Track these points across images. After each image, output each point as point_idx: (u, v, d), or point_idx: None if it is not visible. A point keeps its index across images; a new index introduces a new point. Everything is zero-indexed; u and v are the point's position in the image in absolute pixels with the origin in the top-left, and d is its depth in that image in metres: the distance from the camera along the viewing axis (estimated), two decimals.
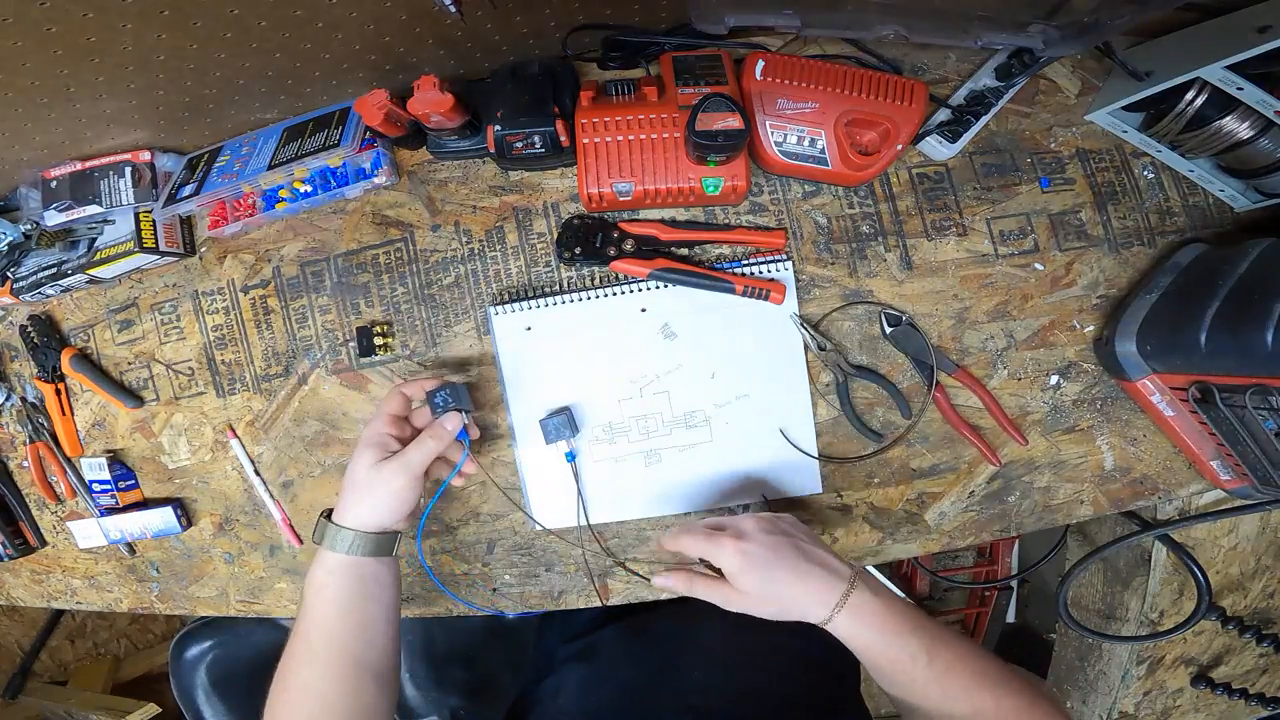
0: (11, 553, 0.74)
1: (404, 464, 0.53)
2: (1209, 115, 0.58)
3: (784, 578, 0.50)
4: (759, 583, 0.50)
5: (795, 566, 0.50)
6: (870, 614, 0.49)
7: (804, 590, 0.50)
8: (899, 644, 0.49)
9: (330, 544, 0.52)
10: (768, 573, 0.50)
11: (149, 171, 0.67)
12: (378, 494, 0.53)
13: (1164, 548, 0.69)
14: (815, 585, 0.50)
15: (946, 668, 0.49)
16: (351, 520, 0.53)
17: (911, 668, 0.49)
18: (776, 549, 0.50)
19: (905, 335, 0.64)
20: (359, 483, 0.53)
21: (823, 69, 0.60)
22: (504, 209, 0.66)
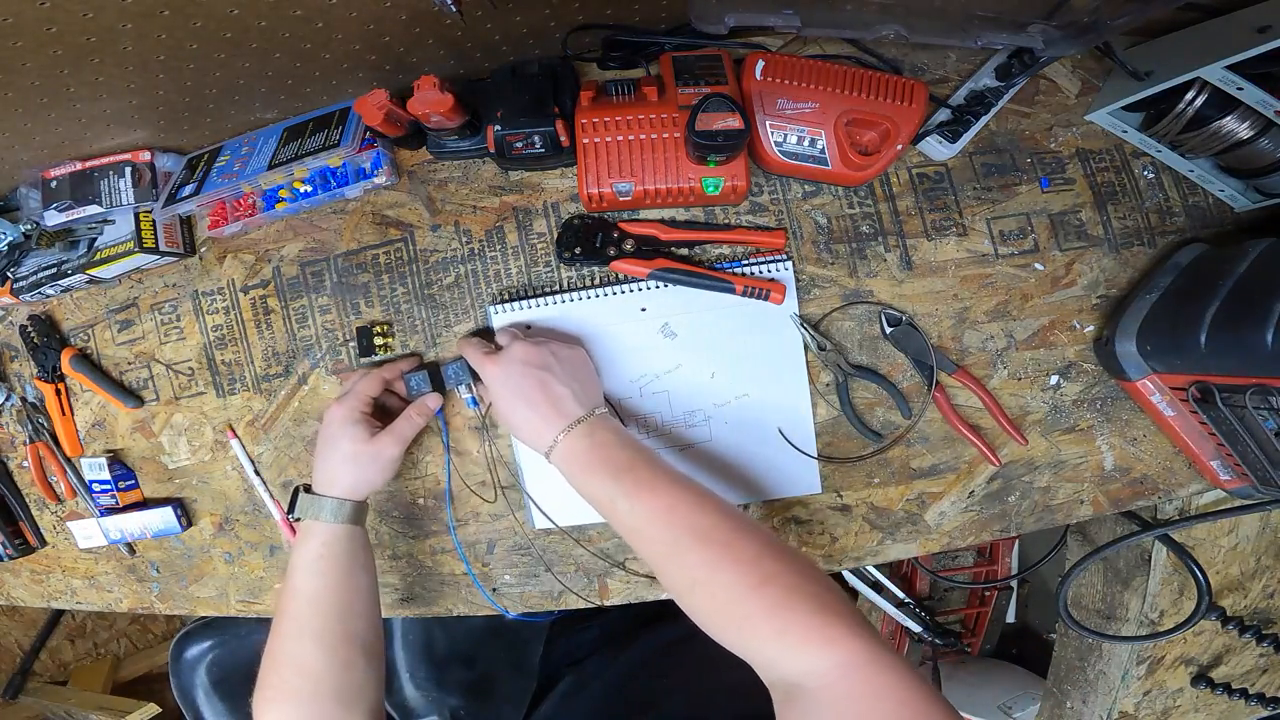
0: (11, 553, 0.74)
1: (398, 436, 0.58)
2: (1209, 115, 0.58)
3: (518, 406, 0.54)
4: (500, 405, 0.56)
5: (530, 399, 0.53)
6: (577, 453, 0.51)
7: (532, 421, 0.53)
8: (593, 484, 0.50)
9: (318, 514, 0.55)
10: (508, 399, 0.54)
11: (149, 171, 0.67)
12: (368, 464, 0.56)
13: (1164, 548, 0.69)
14: (541, 419, 0.53)
15: (649, 516, 0.46)
16: (340, 489, 0.56)
17: (610, 511, 0.49)
18: (523, 378, 0.54)
19: (905, 335, 0.64)
20: (347, 454, 0.56)
21: (823, 69, 0.60)
22: (504, 209, 0.66)
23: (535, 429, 0.53)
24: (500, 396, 0.55)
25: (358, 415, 0.57)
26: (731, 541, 0.43)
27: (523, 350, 0.55)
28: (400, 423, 0.59)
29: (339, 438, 0.57)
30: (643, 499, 0.48)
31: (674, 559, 0.45)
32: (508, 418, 0.56)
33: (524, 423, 0.54)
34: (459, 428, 0.66)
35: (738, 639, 0.42)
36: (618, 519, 0.49)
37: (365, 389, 0.59)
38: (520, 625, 0.92)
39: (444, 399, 0.61)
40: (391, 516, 0.68)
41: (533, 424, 0.53)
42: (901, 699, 0.35)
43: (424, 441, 0.67)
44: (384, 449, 0.57)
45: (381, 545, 0.68)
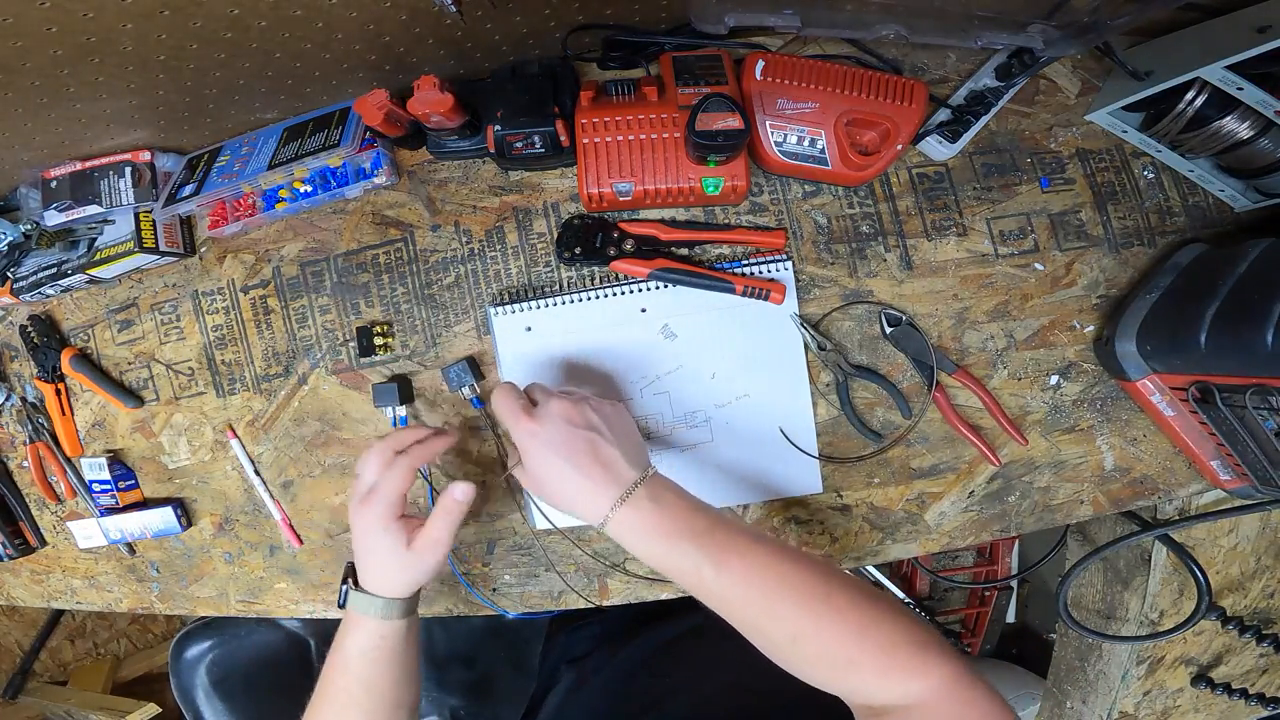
0: (11, 553, 0.74)
1: (435, 541, 0.51)
2: (1209, 115, 0.58)
3: (566, 473, 0.48)
4: (539, 470, 0.49)
5: (579, 463, 0.48)
6: (644, 520, 0.47)
7: (581, 489, 0.48)
8: (673, 552, 0.46)
9: (368, 612, 0.52)
10: (550, 463, 0.48)
11: (149, 171, 0.67)
12: (412, 569, 0.52)
13: (1164, 548, 0.69)
14: (593, 485, 0.47)
15: (742, 579, 0.45)
16: (383, 586, 0.52)
17: (698, 581, 0.45)
18: (568, 441, 0.48)
19: (905, 335, 0.64)
20: (388, 564, 0.51)
21: (823, 69, 0.60)
22: (504, 209, 0.66)
23: (587, 497, 0.48)
24: (541, 461, 0.49)
25: (387, 523, 0.51)
26: (828, 594, 0.44)
27: (562, 408, 0.50)
28: (435, 527, 0.51)
29: (374, 548, 0.52)
30: (731, 563, 0.45)
31: (772, 617, 0.45)
32: (551, 484, 0.49)
33: (574, 490, 0.48)
34: (459, 427, 0.66)
35: (841, 681, 0.44)
36: (704, 585, 0.46)
37: (393, 489, 0.51)
38: (520, 624, 0.92)
39: (474, 489, 0.52)
40: None
41: (584, 491, 0.48)
42: (985, 710, 0.40)
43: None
44: (425, 557, 0.51)
45: None
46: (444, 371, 0.64)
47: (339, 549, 0.69)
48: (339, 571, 0.68)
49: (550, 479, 0.49)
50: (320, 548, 0.69)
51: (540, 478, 0.49)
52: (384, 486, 0.51)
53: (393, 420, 0.65)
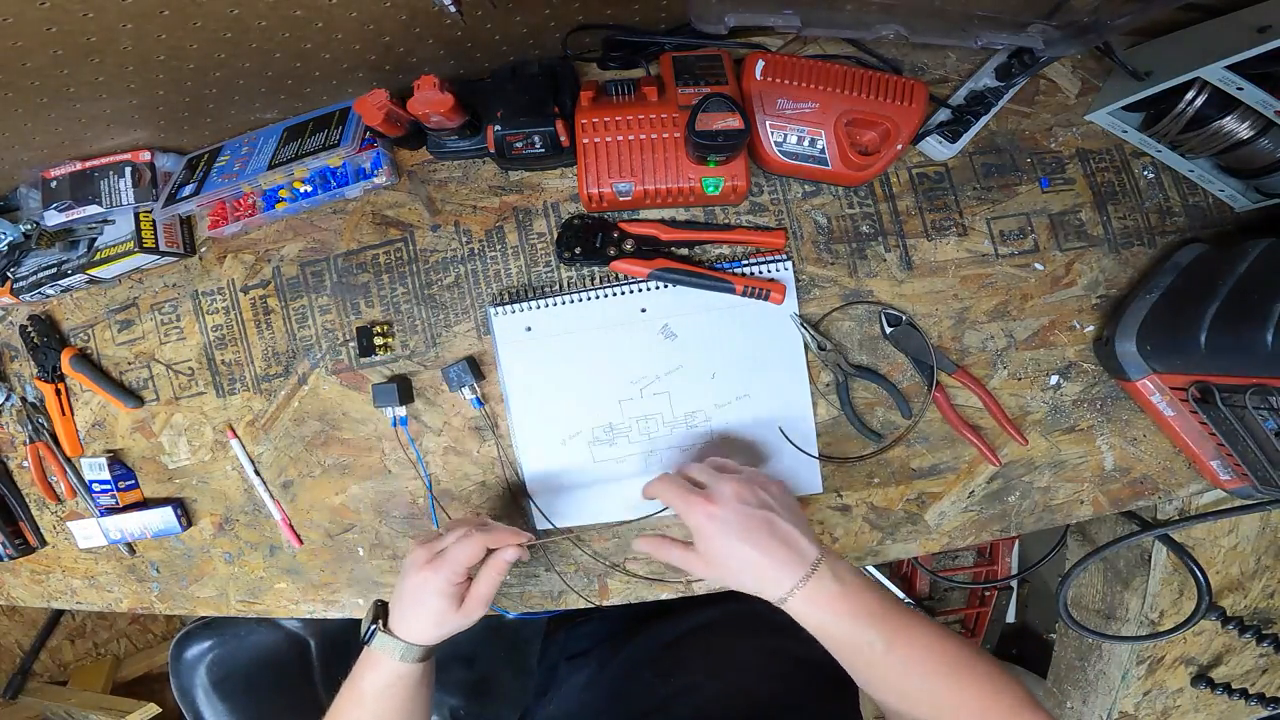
0: (11, 553, 0.74)
1: (483, 601, 0.53)
2: (1209, 115, 0.58)
3: (747, 553, 0.49)
4: (721, 552, 0.49)
5: (760, 543, 0.49)
6: (827, 598, 0.48)
7: (764, 567, 0.49)
8: (854, 630, 0.48)
9: (393, 654, 0.53)
10: (731, 544, 0.49)
11: (149, 171, 0.67)
12: (454, 626, 0.53)
13: (1164, 548, 0.69)
14: (776, 564, 0.48)
15: (906, 657, 0.48)
16: (417, 635, 0.53)
17: (869, 656, 0.48)
18: (747, 521, 0.49)
19: (905, 335, 0.64)
20: (434, 619, 0.53)
21: (823, 69, 0.60)
22: (504, 209, 0.66)
23: (771, 574, 0.49)
24: (722, 544, 0.49)
25: (451, 589, 0.52)
26: (990, 674, 0.49)
27: (735, 489, 0.51)
28: (484, 586, 0.53)
29: (427, 604, 0.53)
30: (899, 642, 0.48)
31: (928, 691, 0.48)
32: (731, 565, 0.49)
33: (757, 569, 0.49)
34: (459, 428, 0.66)
35: None
36: (873, 660, 0.48)
37: (464, 558, 0.52)
38: (520, 624, 0.92)
39: (526, 553, 0.55)
40: (392, 516, 0.68)
41: (768, 569, 0.49)
42: None
43: (423, 442, 0.67)
44: (471, 614, 0.53)
45: (381, 545, 0.68)
46: (444, 372, 0.64)
47: (339, 549, 0.69)
48: (339, 571, 0.69)
49: (731, 559, 0.49)
50: (320, 548, 0.69)
51: (720, 559, 0.50)
52: (458, 554, 0.52)
53: (392, 420, 0.65)
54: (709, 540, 0.50)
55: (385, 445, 0.67)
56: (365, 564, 0.68)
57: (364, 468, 0.68)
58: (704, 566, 0.51)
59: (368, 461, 0.68)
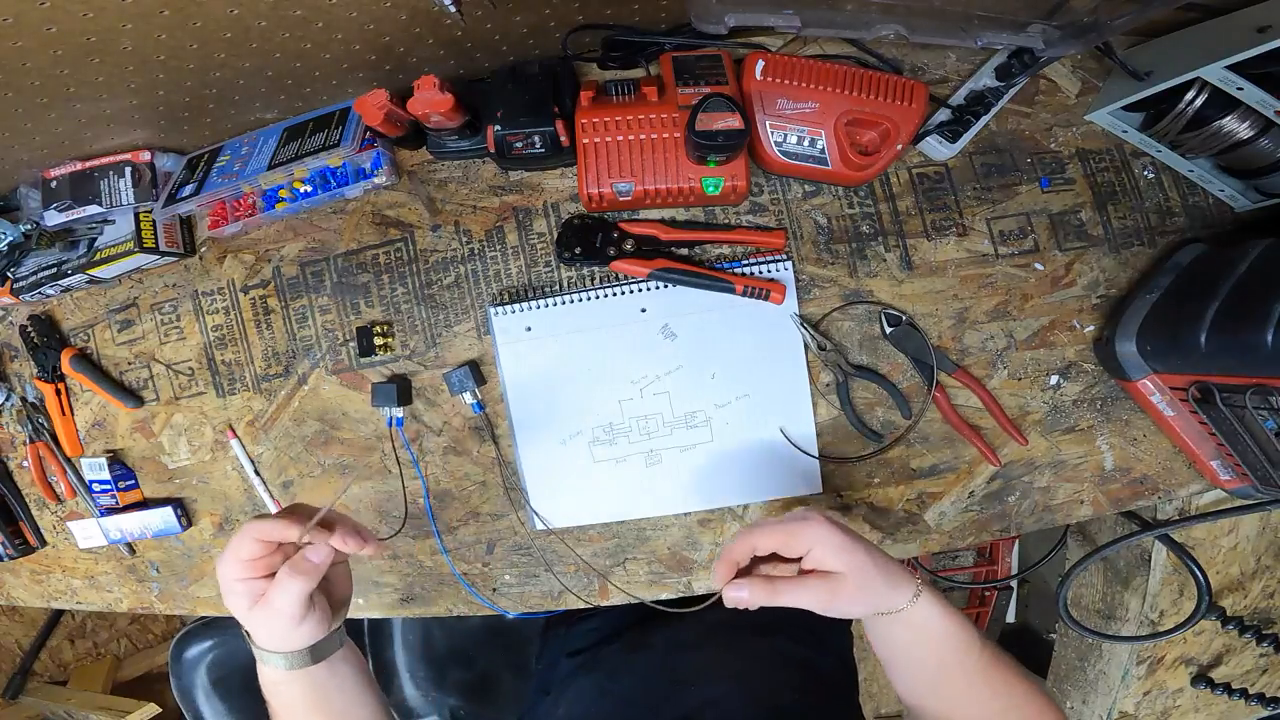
0: (11, 553, 0.74)
1: (275, 612, 0.44)
2: (1209, 115, 0.58)
3: (874, 556, 0.47)
4: (857, 560, 0.45)
5: (879, 553, 0.47)
6: (942, 600, 0.49)
7: (892, 569, 0.47)
8: (965, 630, 0.49)
9: (262, 659, 0.47)
10: (860, 550, 0.46)
11: (149, 171, 0.67)
12: (270, 633, 0.46)
13: (1164, 548, 0.69)
14: (896, 566, 0.48)
15: (992, 662, 0.50)
16: (271, 645, 0.46)
17: (970, 652, 0.49)
18: (857, 536, 0.48)
19: (905, 335, 0.64)
20: (248, 623, 0.46)
21: (823, 69, 0.60)
22: (504, 209, 0.66)
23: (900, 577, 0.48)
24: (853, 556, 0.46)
25: (233, 585, 0.45)
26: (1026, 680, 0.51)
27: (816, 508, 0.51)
28: (272, 593, 0.44)
29: (226, 602, 0.46)
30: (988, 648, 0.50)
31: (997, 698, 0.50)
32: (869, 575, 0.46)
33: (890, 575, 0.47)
34: (459, 428, 0.66)
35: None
36: (968, 660, 0.49)
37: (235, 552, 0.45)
38: (519, 624, 0.92)
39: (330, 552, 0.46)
40: (391, 516, 0.68)
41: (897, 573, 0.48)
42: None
43: (423, 442, 0.67)
44: (272, 624, 0.45)
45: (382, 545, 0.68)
46: (446, 377, 0.64)
47: None
48: None
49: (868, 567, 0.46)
50: None
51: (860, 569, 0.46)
52: (229, 546, 0.46)
53: (388, 420, 0.65)
54: (844, 553, 0.45)
55: (385, 445, 0.67)
56: (365, 564, 0.68)
57: (364, 468, 0.68)
58: (839, 585, 0.45)
59: (368, 461, 0.67)
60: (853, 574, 0.45)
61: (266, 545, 0.45)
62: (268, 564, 0.45)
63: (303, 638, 0.46)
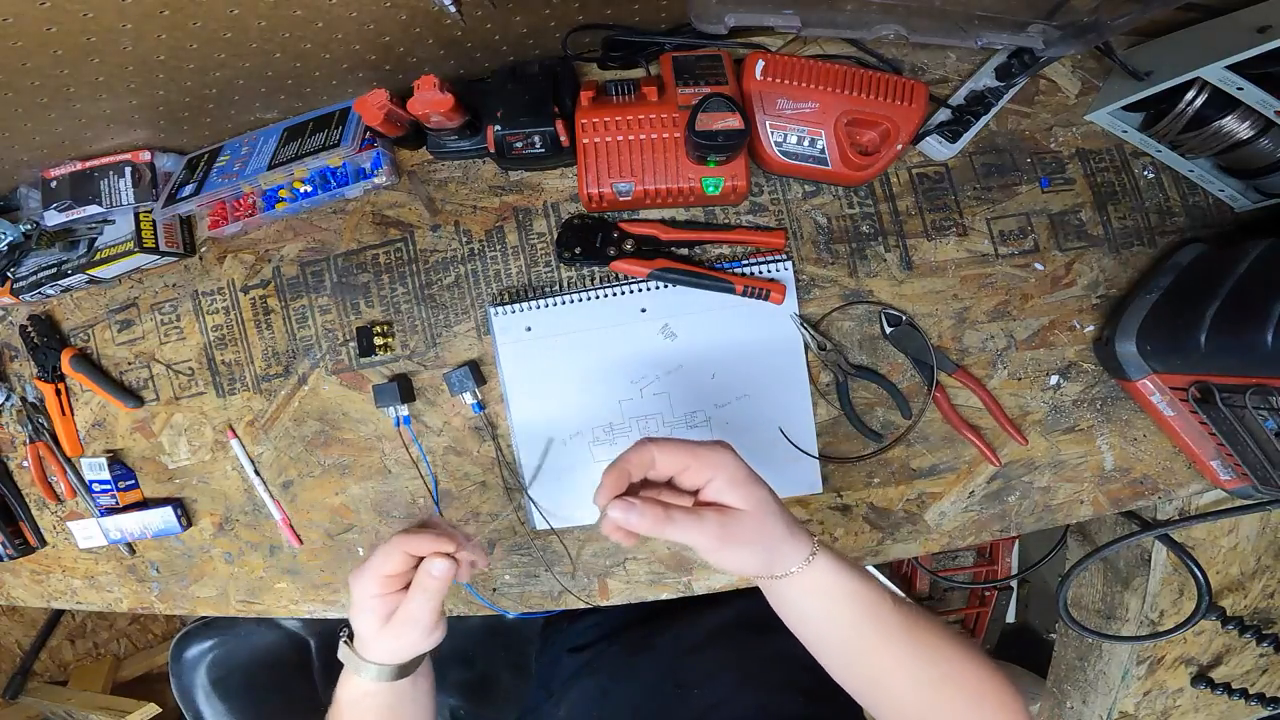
0: (11, 553, 0.74)
1: (414, 623, 0.46)
2: (1209, 115, 0.58)
3: (777, 501, 0.43)
4: (759, 497, 0.42)
5: (779, 503, 0.43)
6: (840, 561, 0.44)
7: (792, 522, 0.43)
8: (869, 588, 0.44)
9: (358, 671, 0.49)
10: (764, 489, 0.42)
11: (149, 171, 0.67)
12: (397, 647, 0.48)
13: (1164, 548, 0.69)
14: (796, 521, 0.43)
15: (912, 616, 0.46)
16: (375, 655, 0.49)
17: (882, 610, 0.45)
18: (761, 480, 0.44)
19: (905, 335, 0.64)
20: (371, 636, 0.48)
21: (823, 69, 0.60)
22: (504, 209, 0.66)
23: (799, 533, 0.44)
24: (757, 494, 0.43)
25: (369, 602, 0.47)
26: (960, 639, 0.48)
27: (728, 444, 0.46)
28: (412, 604, 0.46)
29: (356, 620, 0.49)
30: (902, 603, 0.47)
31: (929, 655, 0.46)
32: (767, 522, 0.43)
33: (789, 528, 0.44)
34: (459, 428, 0.66)
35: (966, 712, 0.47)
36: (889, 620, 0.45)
37: (379, 567, 0.47)
38: (519, 624, 0.92)
39: (451, 566, 0.46)
40: (391, 516, 0.68)
41: (794, 522, 0.44)
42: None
43: (423, 442, 0.67)
44: (404, 636, 0.47)
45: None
46: (446, 377, 0.64)
47: (339, 549, 0.69)
48: (339, 572, 0.69)
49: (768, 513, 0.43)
50: (320, 548, 0.69)
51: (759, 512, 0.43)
52: (373, 563, 0.47)
53: (395, 420, 0.65)
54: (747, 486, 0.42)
55: (385, 445, 0.67)
56: None
57: (364, 468, 0.68)
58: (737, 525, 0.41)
59: (368, 461, 0.68)
60: (753, 513, 0.41)
61: (413, 560, 0.47)
62: (405, 578, 0.47)
63: (401, 651, 0.48)
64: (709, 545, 0.41)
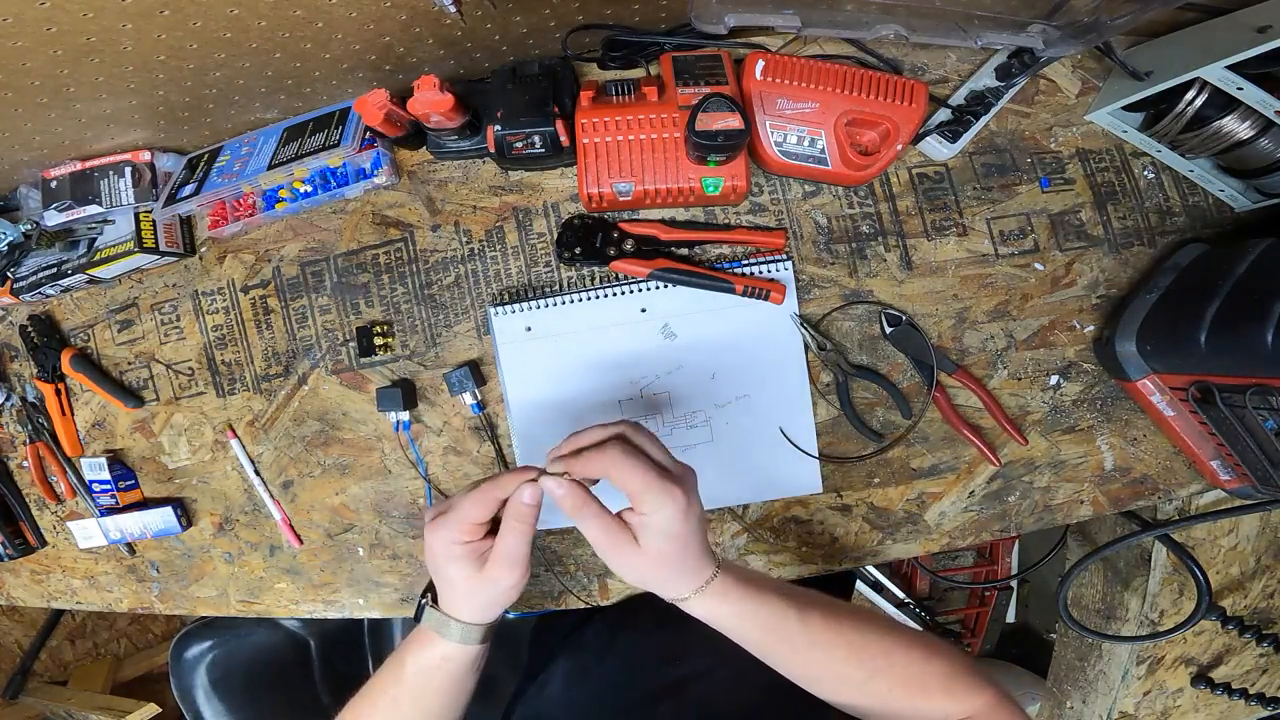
0: (11, 553, 0.74)
1: (508, 560, 0.46)
2: (1209, 115, 0.58)
3: (691, 543, 0.45)
4: (668, 550, 0.44)
5: (700, 534, 0.46)
6: (732, 588, 0.47)
7: (687, 565, 0.45)
8: (766, 606, 0.47)
9: (444, 633, 0.49)
10: (682, 544, 0.44)
11: (149, 171, 0.67)
12: (485, 595, 0.48)
13: (1164, 548, 0.69)
14: (698, 563, 0.46)
15: (822, 624, 0.48)
16: (467, 615, 0.48)
17: (783, 630, 0.47)
18: (699, 521, 0.46)
19: (905, 335, 0.64)
20: (460, 589, 0.48)
21: (823, 69, 0.60)
22: (504, 209, 0.66)
23: (686, 575, 0.46)
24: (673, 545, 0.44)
25: (458, 551, 0.47)
26: (893, 632, 0.50)
27: (695, 481, 0.48)
28: (505, 542, 0.46)
29: (446, 571, 0.48)
30: (812, 611, 0.48)
31: (853, 655, 0.49)
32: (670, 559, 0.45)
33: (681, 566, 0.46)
34: (459, 428, 0.66)
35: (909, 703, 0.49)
36: (789, 633, 0.47)
37: (469, 515, 0.46)
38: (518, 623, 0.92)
39: (540, 489, 0.46)
40: (391, 516, 0.68)
41: (687, 568, 0.46)
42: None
43: (423, 442, 0.67)
44: (501, 579, 0.46)
45: (381, 545, 0.68)
46: (446, 377, 0.64)
47: (339, 549, 0.69)
48: (339, 571, 0.69)
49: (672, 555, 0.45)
50: (320, 548, 0.69)
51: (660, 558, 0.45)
52: (457, 507, 0.47)
53: (395, 424, 0.65)
54: (665, 538, 0.44)
55: (385, 445, 0.67)
56: (365, 564, 0.68)
57: (364, 468, 0.68)
58: (635, 557, 0.44)
59: (368, 461, 0.68)
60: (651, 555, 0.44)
61: (498, 505, 0.47)
62: (488, 525, 0.48)
63: (496, 600, 0.48)
64: (598, 544, 0.45)
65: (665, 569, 0.46)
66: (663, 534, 0.44)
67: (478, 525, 0.47)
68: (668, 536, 0.44)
